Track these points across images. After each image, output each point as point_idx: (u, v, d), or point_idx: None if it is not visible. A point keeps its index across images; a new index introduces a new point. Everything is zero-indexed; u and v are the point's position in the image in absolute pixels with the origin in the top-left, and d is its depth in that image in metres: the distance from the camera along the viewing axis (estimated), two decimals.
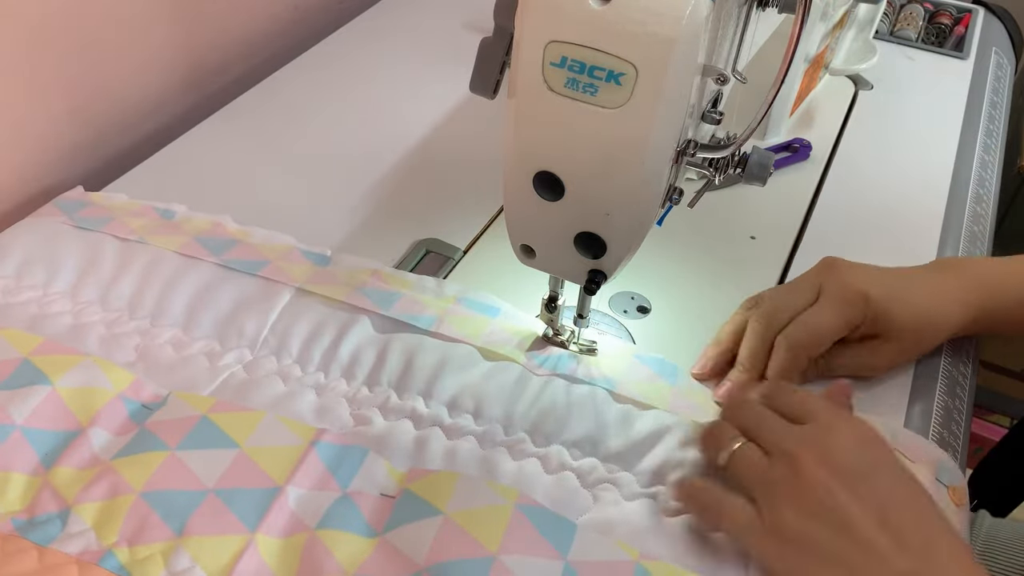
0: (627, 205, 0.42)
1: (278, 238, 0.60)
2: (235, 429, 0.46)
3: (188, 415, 0.47)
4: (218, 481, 0.44)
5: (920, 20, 0.99)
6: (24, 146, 0.64)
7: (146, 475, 0.44)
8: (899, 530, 0.39)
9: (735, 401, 0.49)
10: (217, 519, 0.42)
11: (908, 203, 0.71)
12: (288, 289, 0.56)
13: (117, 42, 0.68)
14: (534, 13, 0.37)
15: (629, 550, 0.43)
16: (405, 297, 0.56)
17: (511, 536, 0.42)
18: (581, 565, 0.41)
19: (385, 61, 0.85)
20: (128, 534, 0.42)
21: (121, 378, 0.49)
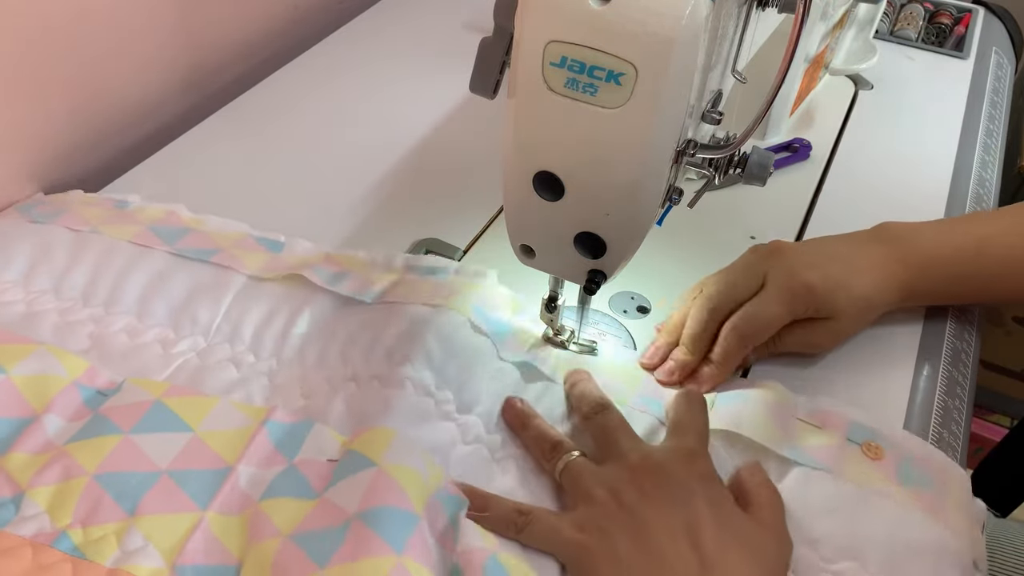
0: (627, 205, 0.42)
1: (232, 226, 0.61)
2: (189, 413, 0.47)
3: (142, 400, 0.47)
4: (171, 463, 0.44)
5: (920, 20, 0.99)
6: (24, 146, 0.64)
7: (99, 458, 0.44)
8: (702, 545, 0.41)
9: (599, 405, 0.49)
10: (169, 499, 0.43)
11: (908, 203, 0.71)
12: (240, 276, 0.56)
13: (117, 42, 0.68)
14: (534, 13, 0.37)
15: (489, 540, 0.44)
16: (353, 275, 0.57)
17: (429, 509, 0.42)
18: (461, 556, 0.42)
19: (385, 61, 0.85)
20: (82, 515, 0.42)
21: (75, 365, 0.49)
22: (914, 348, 0.57)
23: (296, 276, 0.56)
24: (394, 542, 0.40)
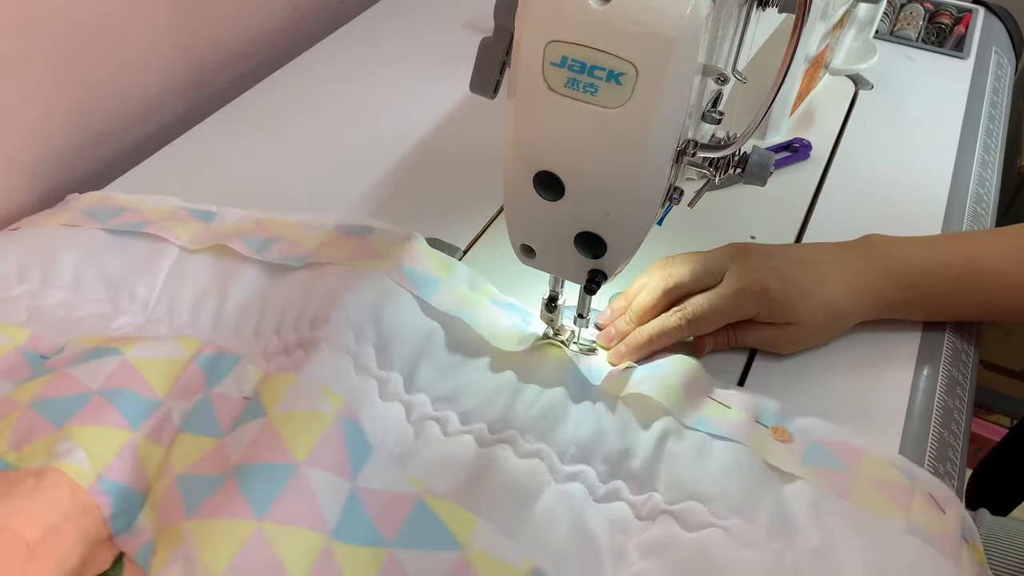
0: (627, 205, 0.42)
1: (165, 200, 0.61)
2: (123, 344, 0.47)
3: (83, 348, 0.48)
4: (102, 383, 0.45)
5: (920, 20, 0.99)
6: (24, 146, 0.64)
7: (33, 392, 0.44)
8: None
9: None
10: (99, 415, 0.43)
11: (908, 203, 0.71)
12: (173, 249, 0.57)
13: (117, 42, 0.68)
14: (534, 13, 0.37)
15: (415, 483, 0.43)
16: (283, 241, 0.57)
17: (321, 447, 0.42)
18: (365, 492, 0.42)
19: (385, 61, 0.85)
20: (15, 440, 0.42)
21: (17, 334, 0.50)
22: (914, 348, 0.57)
23: (226, 246, 0.56)
24: (257, 504, 0.39)
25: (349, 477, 0.42)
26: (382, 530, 0.41)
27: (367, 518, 0.41)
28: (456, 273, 0.56)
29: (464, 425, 0.49)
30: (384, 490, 0.43)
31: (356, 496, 0.42)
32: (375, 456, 0.44)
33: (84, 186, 0.65)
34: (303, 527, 0.39)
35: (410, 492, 0.43)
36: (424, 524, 0.42)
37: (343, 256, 0.55)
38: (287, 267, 0.55)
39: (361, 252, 0.55)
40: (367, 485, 0.42)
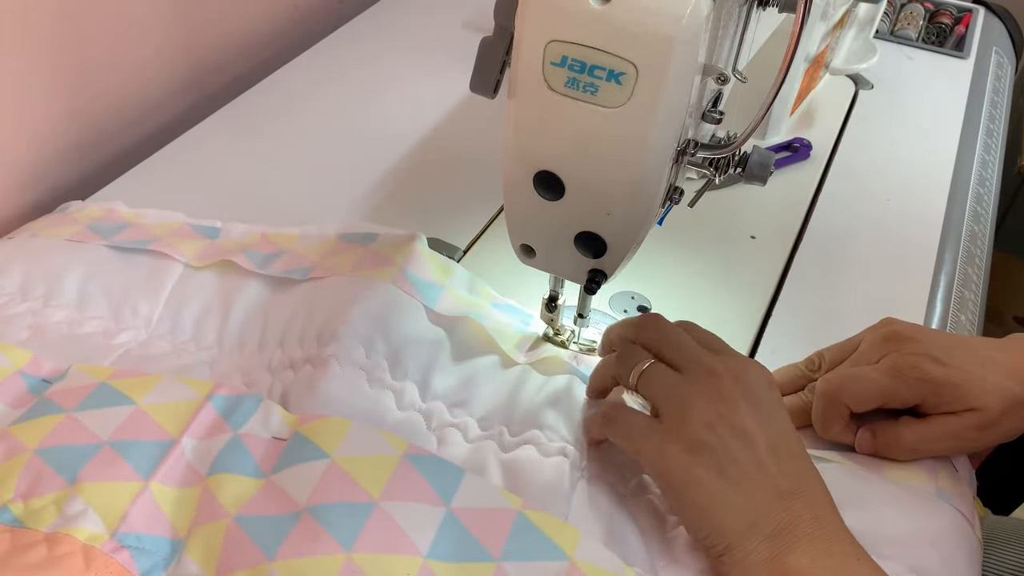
0: (627, 205, 0.42)
1: (169, 216, 0.61)
2: (132, 389, 0.47)
3: (87, 383, 0.47)
4: (113, 434, 0.44)
5: (920, 20, 0.99)
6: (24, 146, 0.64)
7: (41, 435, 0.44)
8: (782, 460, 0.42)
9: (649, 322, 0.48)
10: (111, 468, 0.43)
11: (908, 202, 0.71)
12: (178, 266, 0.57)
13: (117, 42, 0.68)
14: (534, 12, 0.37)
15: (512, 498, 0.43)
16: (287, 254, 0.57)
17: (395, 483, 0.42)
18: (463, 512, 0.42)
19: (385, 61, 0.85)
20: (23, 490, 0.42)
21: (19, 356, 0.50)
22: None
23: (230, 262, 0.56)
24: (343, 538, 0.39)
25: (442, 503, 0.42)
26: (487, 545, 0.41)
27: (469, 535, 0.41)
28: (455, 276, 0.56)
29: (484, 431, 0.49)
30: (483, 508, 0.42)
31: (453, 517, 0.42)
32: (467, 477, 0.43)
33: (83, 187, 0.65)
34: (394, 553, 0.39)
35: (509, 507, 0.42)
36: (528, 537, 0.42)
37: (346, 266, 0.55)
38: (291, 280, 0.55)
39: (365, 261, 0.55)
40: (463, 505, 0.42)
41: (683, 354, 0.45)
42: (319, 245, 0.58)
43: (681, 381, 0.44)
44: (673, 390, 0.44)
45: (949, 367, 0.47)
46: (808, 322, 0.58)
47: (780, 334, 0.58)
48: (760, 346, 0.57)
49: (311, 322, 0.52)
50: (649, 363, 0.45)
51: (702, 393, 0.43)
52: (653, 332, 0.47)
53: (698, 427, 0.42)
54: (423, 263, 0.55)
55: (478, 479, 0.44)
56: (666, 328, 0.47)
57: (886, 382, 0.47)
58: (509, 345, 0.53)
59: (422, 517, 0.41)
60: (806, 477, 0.42)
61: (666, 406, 0.44)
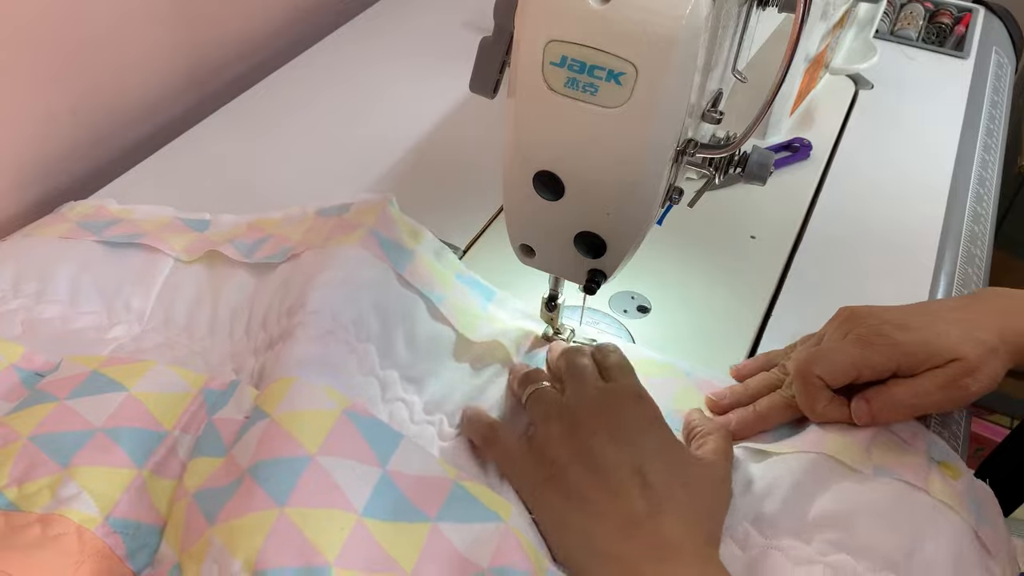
0: (627, 204, 0.42)
1: (159, 211, 0.61)
2: (124, 376, 0.47)
3: (79, 372, 0.48)
4: (106, 421, 0.44)
5: (920, 19, 0.99)
6: (24, 146, 0.64)
7: (34, 423, 0.44)
8: (646, 484, 0.42)
9: (571, 348, 0.51)
10: (105, 454, 0.43)
11: (908, 202, 0.71)
12: (168, 260, 0.57)
13: (117, 41, 0.68)
14: (534, 12, 0.37)
15: (448, 469, 0.44)
16: (273, 238, 0.57)
17: (333, 439, 0.42)
18: (399, 476, 0.42)
19: (385, 61, 0.85)
20: (17, 475, 0.42)
21: (11, 351, 0.50)
22: None
23: (219, 253, 0.56)
24: (277, 494, 0.39)
25: (378, 464, 0.42)
26: (423, 507, 0.42)
27: (404, 497, 0.42)
28: (424, 241, 0.57)
29: (427, 415, 0.50)
30: (419, 474, 0.43)
31: (388, 478, 0.42)
32: (405, 442, 0.44)
33: (83, 186, 0.65)
34: (328, 507, 0.40)
35: (445, 476, 0.43)
36: (464, 503, 0.42)
37: (321, 239, 0.55)
38: (274, 264, 0.55)
39: (337, 230, 0.55)
40: (399, 469, 0.43)
41: (571, 381, 0.48)
42: (300, 224, 0.58)
43: (554, 406, 0.47)
44: (545, 413, 0.47)
45: (913, 330, 0.48)
46: (808, 322, 0.58)
47: (780, 334, 0.58)
48: (760, 346, 0.57)
49: (286, 299, 0.52)
50: (539, 386, 0.48)
51: (568, 418, 0.45)
52: (563, 359, 0.50)
53: (555, 451, 0.44)
54: (392, 225, 0.56)
55: (416, 446, 0.44)
56: (572, 356, 0.50)
57: (855, 351, 0.48)
58: (467, 319, 0.53)
59: (358, 475, 0.41)
60: (671, 499, 0.42)
61: (537, 428, 0.46)
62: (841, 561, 0.43)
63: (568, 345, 0.53)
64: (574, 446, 0.44)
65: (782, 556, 0.43)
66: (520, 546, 0.41)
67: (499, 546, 0.41)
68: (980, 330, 0.48)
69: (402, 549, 0.40)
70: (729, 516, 0.45)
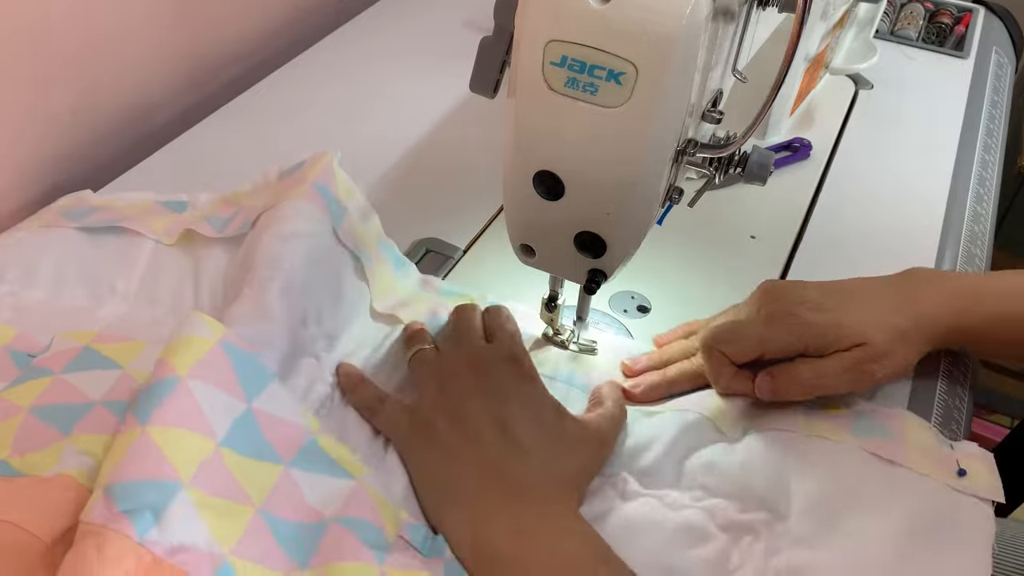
0: (627, 204, 0.42)
1: (139, 196, 0.62)
2: (118, 355, 0.48)
3: (71, 347, 0.48)
4: (105, 395, 0.45)
5: (920, 19, 0.99)
6: (24, 146, 0.64)
7: (33, 396, 0.45)
8: (507, 434, 0.45)
9: (459, 307, 0.53)
10: (107, 426, 0.43)
11: (908, 202, 0.71)
12: (149, 243, 0.57)
13: (117, 41, 0.68)
14: (534, 12, 0.37)
15: (312, 422, 0.45)
16: (243, 210, 0.58)
17: (203, 365, 0.42)
18: (262, 414, 0.43)
19: (385, 61, 0.85)
20: (19, 447, 0.42)
21: (3, 332, 0.50)
22: None
23: (196, 232, 0.57)
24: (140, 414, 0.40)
25: (244, 399, 0.43)
26: (279, 449, 0.43)
27: (261, 436, 0.43)
28: (353, 199, 0.58)
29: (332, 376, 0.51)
30: (281, 418, 0.44)
31: (251, 414, 0.43)
32: (274, 385, 0.45)
33: (83, 186, 0.65)
34: (186, 429, 0.40)
35: (305, 427, 0.44)
36: (317, 457, 0.44)
37: (275, 198, 0.56)
38: (244, 235, 0.56)
39: (286, 188, 0.56)
40: (263, 408, 0.44)
41: (448, 342, 0.51)
42: (266, 191, 0.59)
43: (430, 366, 0.49)
44: (423, 375, 0.49)
45: (826, 311, 0.49)
46: None
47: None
48: None
49: (243, 265, 0.53)
50: (420, 348, 0.51)
51: (439, 375, 0.48)
52: (451, 316, 0.53)
53: (425, 405, 0.47)
54: (331, 178, 0.57)
55: (284, 390, 0.45)
56: (458, 314, 0.53)
57: (762, 330, 0.49)
58: (379, 286, 0.55)
59: (223, 404, 0.42)
60: (534, 449, 0.44)
61: (417, 392, 0.49)
62: (714, 504, 0.45)
63: (466, 304, 0.54)
64: (443, 402, 0.47)
65: (658, 503, 0.45)
66: (370, 501, 0.42)
67: (348, 500, 0.42)
68: (895, 314, 0.49)
69: (253, 484, 0.41)
70: (610, 466, 0.47)
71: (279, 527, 0.41)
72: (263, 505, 0.41)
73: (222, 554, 0.38)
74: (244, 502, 0.40)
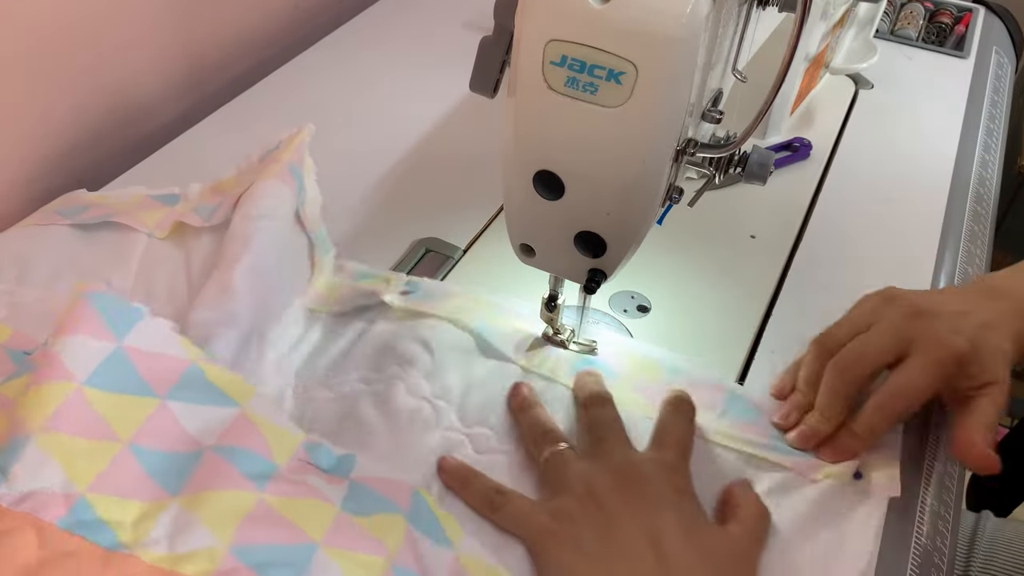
0: (627, 204, 0.42)
1: (131, 191, 0.62)
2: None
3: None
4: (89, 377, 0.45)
5: (920, 19, 0.99)
6: (24, 146, 0.64)
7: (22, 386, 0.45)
8: (665, 555, 0.41)
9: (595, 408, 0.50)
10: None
11: (908, 202, 0.71)
12: (142, 237, 0.58)
13: (117, 41, 0.68)
14: (534, 12, 0.37)
15: (192, 350, 0.45)
16: (230, 196, 0.58)
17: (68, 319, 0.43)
18: (135, 351, 0.43)
19: (385, 61, 0.85)
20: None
21: (0, 331, 0.51)
22: None
23: (186, 223, 0.58)
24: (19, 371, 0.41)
25: (113, 339, 0.43)
26: (152, 383, 0.43)
27: (135, 372, 0.43)
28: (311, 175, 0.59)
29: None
30: (156, 352, 0.44)
31: (122, 353, 0.43)
32: (145, 321, 0.45)
33: (83, 185, 0.65)
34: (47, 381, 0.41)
35: (184, 356, 0.44)
36: (199, 385, 0.44)
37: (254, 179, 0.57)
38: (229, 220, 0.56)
39: (263, 169, 0.57)
40: (135, 345, 0.43)
41: (596, 448, 0.47)
42: (248, 176, 0.59)
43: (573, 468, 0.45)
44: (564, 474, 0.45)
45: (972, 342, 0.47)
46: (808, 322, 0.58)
47: (780, 334, 0.58)
48: (760, 346, 0.57)
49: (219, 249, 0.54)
50: (555, 449, 0.47)
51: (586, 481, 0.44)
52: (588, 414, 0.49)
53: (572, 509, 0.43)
54: (302, 157, 0.58)
55: (159, 323, 0.45)
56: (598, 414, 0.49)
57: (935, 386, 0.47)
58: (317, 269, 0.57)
59: (88, 350, 0.42)
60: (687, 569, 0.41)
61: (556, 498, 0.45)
62: None
63: (588, 375, 0.52)
64: (593, 510, 0.43)
65: None
66: (255, 428, 0.42)
67: (230, 428, 0.42)
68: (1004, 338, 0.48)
69: (122, 420, 0.41)
70: None
71: (149, 459, 0.41)
72: (132, 439, 0.41)
73: (78, 493, 0.38)
74: (110, 438, 0.40)
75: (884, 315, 0.49)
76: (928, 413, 0.53)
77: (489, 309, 0.55)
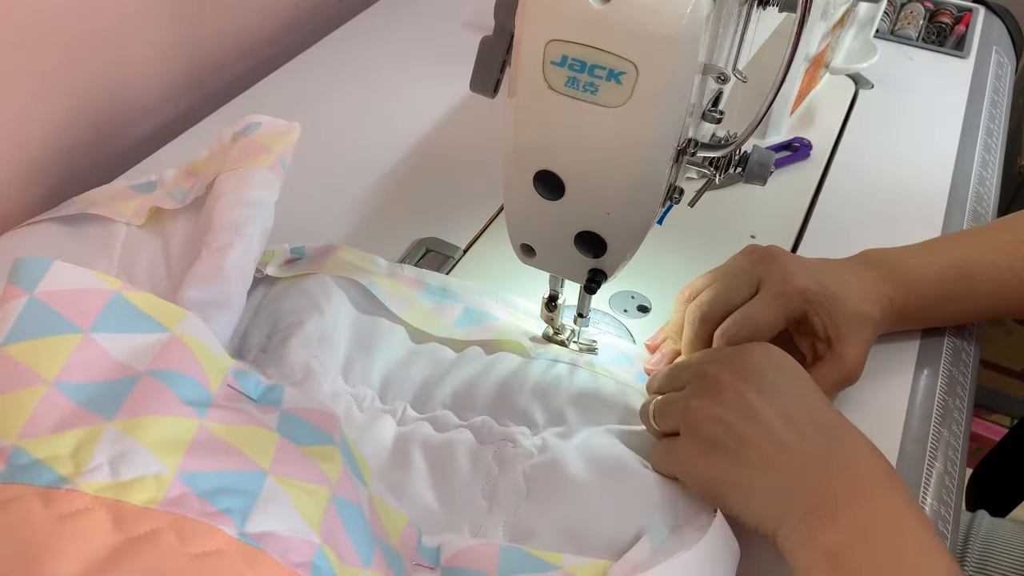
0: (627, 204, 0.42)
1: (111, 186, 0.62)
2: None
3: None
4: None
5: (921, 19, 0.99)
6: (24, 146, 0.64)
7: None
8: (803, 430, 0.42)
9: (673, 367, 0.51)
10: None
11: (908, 202, 0.71)
12: (121, 226, 0.58)
13: (117, 40, 0.68)
14: (535, 12, 0.37)
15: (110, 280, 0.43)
16: (200, 176, 0.58)
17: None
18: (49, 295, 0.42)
19: (385, 61, 0.85)
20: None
21: None
22: (915, 347, 0.57)
23: (162, 208, 0.58)
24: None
25: (24, 292, 0.41)
26: (73, 319, 0.41)
27: (53, 312, 0.41)
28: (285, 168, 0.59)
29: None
30: (73, 290, 0.42)
31: (36, 302, 0.41)
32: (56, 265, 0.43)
33: (83, 185, 0.65)
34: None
35: (105, 287, 0.42)
36: (124, 313, 0.42)
37: (230, 163, 0.56)
38: (202, 200, 0.56)
39: (246, 152, 0.57)
40: (49, 290, 0.42)
41: (683, 374, 0.47)
42: (223, 156, 0.59)
43: (680, 397, 0.45)
44: (676, 408, 0.45)
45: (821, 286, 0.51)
46: None
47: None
48: None
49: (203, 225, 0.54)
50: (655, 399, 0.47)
51: (699, 396, 0.44)
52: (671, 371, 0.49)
53: (705, 429, 0.43)
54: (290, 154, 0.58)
55: (73, 267, 0.43)
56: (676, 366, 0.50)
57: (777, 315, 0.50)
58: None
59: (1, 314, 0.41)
60: (837, 440, 0.42)
61: (680, 426, 0.44)
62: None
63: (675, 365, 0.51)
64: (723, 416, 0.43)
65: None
66: (189, 351, 0.41)
67: (163, 351, 0.41)
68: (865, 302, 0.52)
69: (42, 361, 0.39)
70: None
71: (77, 391, 0.39)
72: (56, 378, 0.39)
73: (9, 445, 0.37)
74: (32, 383, 0.39)
75: (738, 262, 0.53)
76: (928, 413, 0.53)
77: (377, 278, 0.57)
